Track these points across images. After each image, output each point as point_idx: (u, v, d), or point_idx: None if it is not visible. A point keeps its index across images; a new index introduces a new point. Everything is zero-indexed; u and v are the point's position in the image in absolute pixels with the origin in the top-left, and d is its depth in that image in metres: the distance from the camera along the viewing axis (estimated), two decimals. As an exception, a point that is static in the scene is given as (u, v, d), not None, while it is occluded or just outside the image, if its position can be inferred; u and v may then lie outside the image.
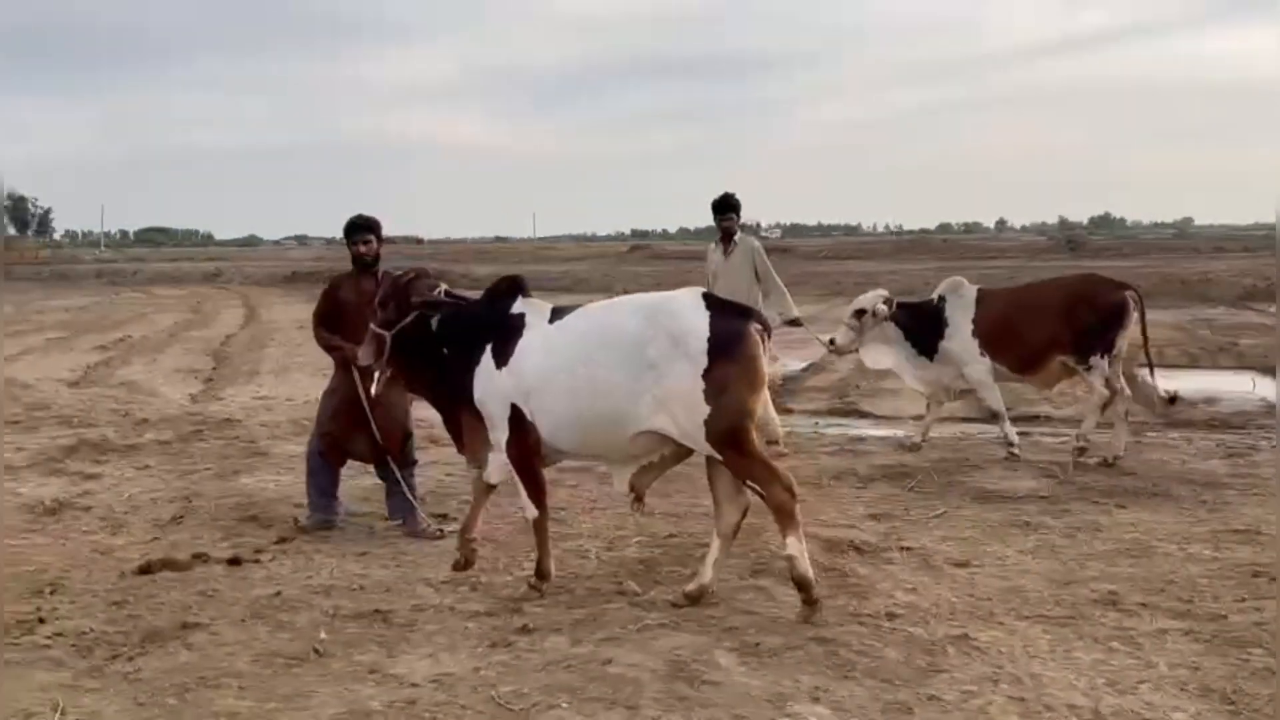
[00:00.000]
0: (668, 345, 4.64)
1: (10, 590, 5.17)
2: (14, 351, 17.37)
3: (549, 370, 4.89)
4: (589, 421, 4.85)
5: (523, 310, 5.14)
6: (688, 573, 5.36)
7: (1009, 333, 8.17)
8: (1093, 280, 8.42)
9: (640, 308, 4.86)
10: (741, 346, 4.64)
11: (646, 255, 58.24)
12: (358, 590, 5.19)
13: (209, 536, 6.14)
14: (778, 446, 8.44)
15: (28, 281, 43.96)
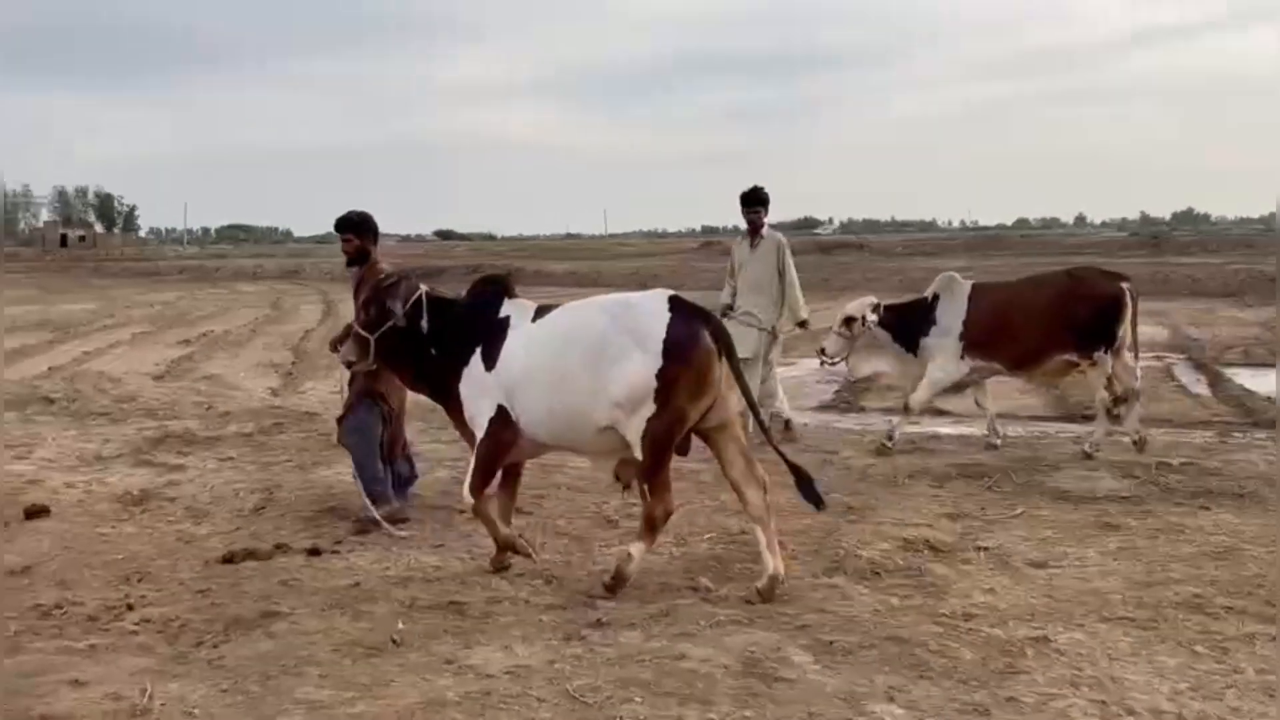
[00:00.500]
0: (629, 343, 4.79)
1: (99, 577, 5.33)
2: (103, 345, 17.87)
3: (529, 367, 5.08)
4: (559, 415, 5.03)
5: (509, 312, 5.30)
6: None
7: (1006, 329, 8.02)
8: (1088, 274, 8.27)
9: (609, 306, 5.05)
10: (695, 352, 4.76)
11: (716, 251, 58.16)
12: (434, 582, 5.25)
13: (289, 527, 6.25)
14: (790, 431, 8.45)
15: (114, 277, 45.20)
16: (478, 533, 6.11)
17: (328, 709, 3.81)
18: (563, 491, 7.06)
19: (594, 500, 6.81)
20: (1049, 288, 8.14)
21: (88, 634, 4.54)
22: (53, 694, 3.90)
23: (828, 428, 9.55)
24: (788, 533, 5.94)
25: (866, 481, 7.32)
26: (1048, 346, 7.93)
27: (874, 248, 53.48)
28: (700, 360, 4.79)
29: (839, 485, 7.19)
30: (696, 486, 7.18)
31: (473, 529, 6.20)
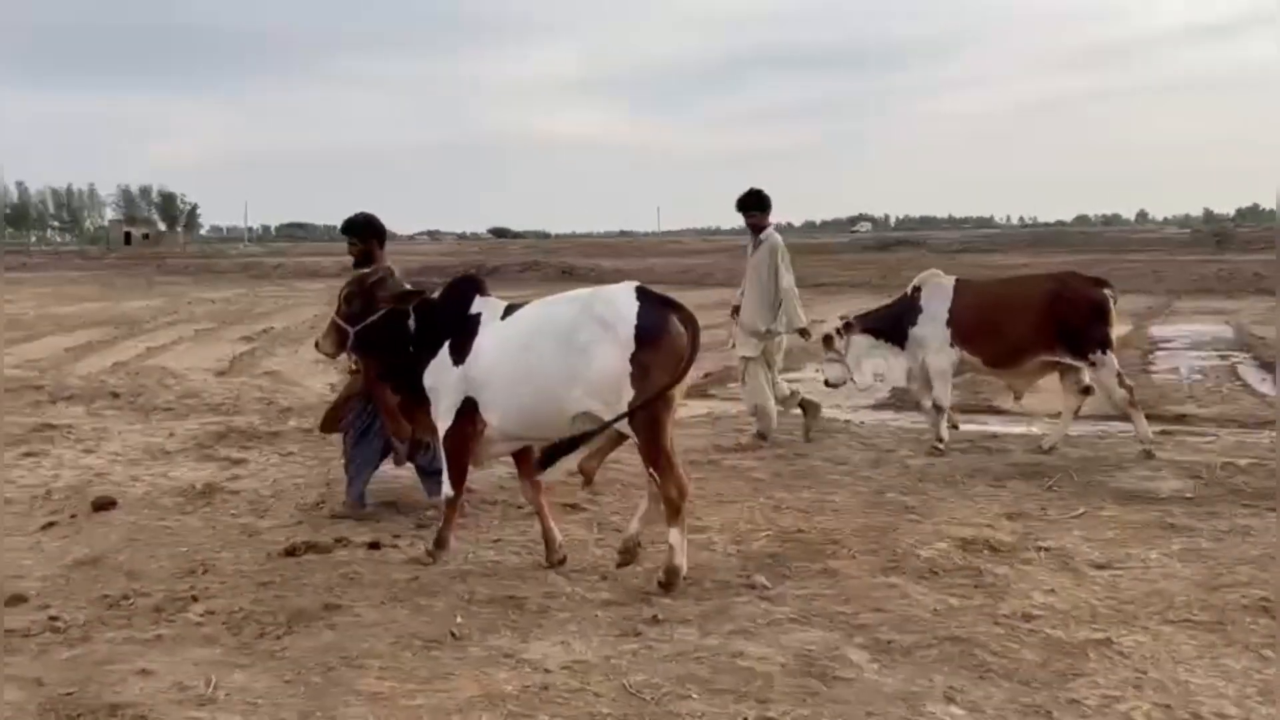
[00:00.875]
0: (599, 331, 4.93)
1: (165, 568, 5.43)
2: (166, 341, 18.21)
3: (499, 361, 5.23)
4: (531, 406, 5.16)
5: (479, 310, 5.47)
6: (816, 568, 5.33)
7: (989, 326, 8.06)
8: (1071, 279, 8.26)
9: (578, 298, 5.22)
10: (666, 336, 4.91)
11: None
12: (491, 576, 5.29)
13: (349, 521, 6.32)
14: (763, 440, 8.41)
15: (177, 275, 46.00)
16: (533, 529, 6.15)
17: (388, 701, 3.85)
18: (618, 488, 7.08)
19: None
20: (1033, 289, 8.22)
21: (155, 624, 4.62)
22: (121, 683, 3.99)
23: (884, 426, 9.48)
24: (846, 532, 5.93)
25: (924, 480, 7.26)
26: (1029, 346, 7.97)
27: (931, 245, 52.93)
28: (671, 344, 4.94)
29: (896, 484, 7.14)
30: (752, 485, 7.18)
31: (528, 525, 6.24)
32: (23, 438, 8.97)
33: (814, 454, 8.15)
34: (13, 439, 8.92)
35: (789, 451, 8.23)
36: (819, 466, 7.71)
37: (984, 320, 8.08)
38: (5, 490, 7.26)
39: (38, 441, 8.82)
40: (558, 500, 6.70)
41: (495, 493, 6.98)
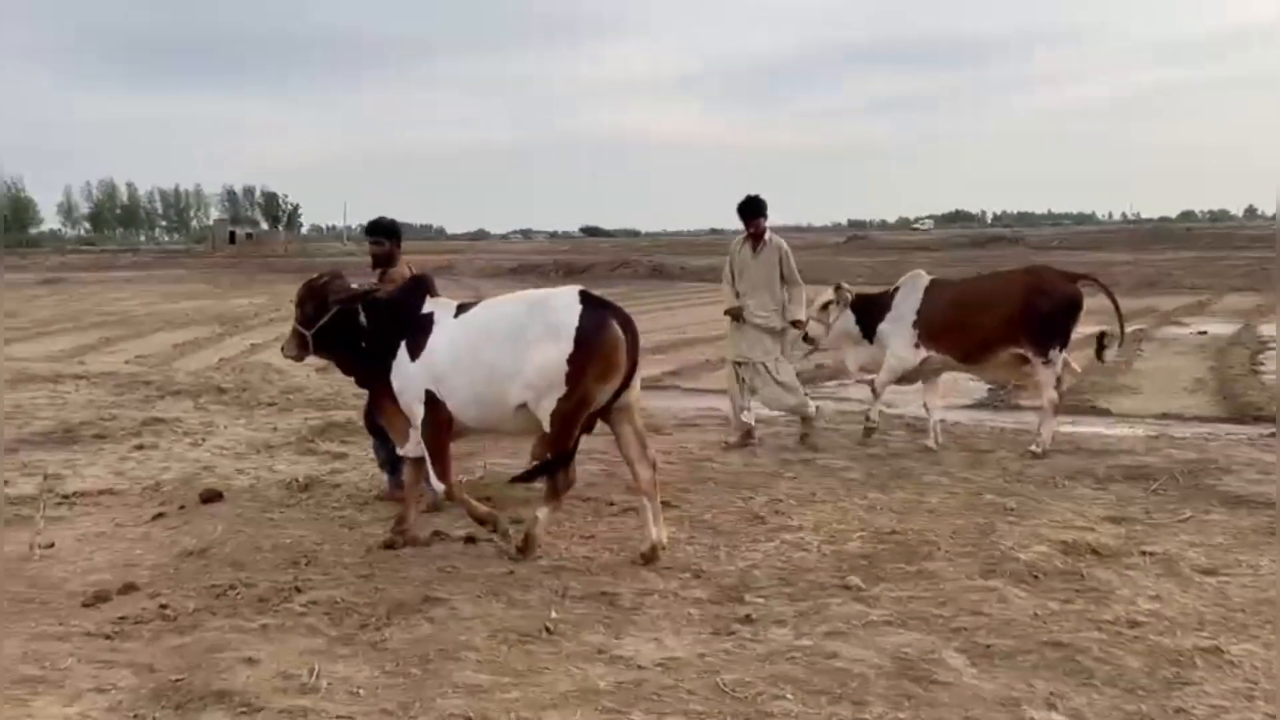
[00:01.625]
0: (543, 331, 5.31)
1: (269, 559, 5.57)
2: (270, 338, 18.67)
3: (454, 357, 5.58)
4: (482, 398, 5.53)
5: (431, 309, 5.82)
6: (912, 570, 5.26)
7: (955, 322, 8.23)
8: (1046, 273, 8.38)
9: (525, 300, 5.63)
10: (604, 340, 5.27)
11: (863, 246, 57.36)
12: (584, 573, 5.33)
13: (446, 515, 6.41)
14: (751, 439, 8.41)
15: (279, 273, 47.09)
16: (626, 525, 6.18)
17: (485, 694, 3.90)
18: (709, 486, 7.07)
19: (741, 495, 6.81)
20: (1005, 284, 8.36)
21: (260, 614, 4.75)
22: (228, 671, 4.10)
23: (980, 426, 9.31)
24: (942, 533, 5.84)
25: (1023, 481, 7.11)
26: (997, 340, 8.08)
27: (1029, 241, 51.88)
28: (608, 347, 5.28)
29: (994, 485, 7.01)
30: (844, 484, 7.12)
31: (621, 521, 6.27)
32: (134, 431, 9.29)
33: (908, 454, 8.04)
34: (124, 432, 9.25)
35: (883, 451, 8.13)
36: (913, 467, 7.61)
37: (952, 319, 8.24)
38: (119, 481, 7.53)
39: (148, 435, 9.12)
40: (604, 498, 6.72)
41: (586, 490, 7.02)
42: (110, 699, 3.89)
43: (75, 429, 9.38)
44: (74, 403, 10.97)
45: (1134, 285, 27.61)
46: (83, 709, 3.80)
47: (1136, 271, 30.48)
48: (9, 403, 10.89)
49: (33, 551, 5.73)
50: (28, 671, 4.10)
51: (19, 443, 8.84)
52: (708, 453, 8.22)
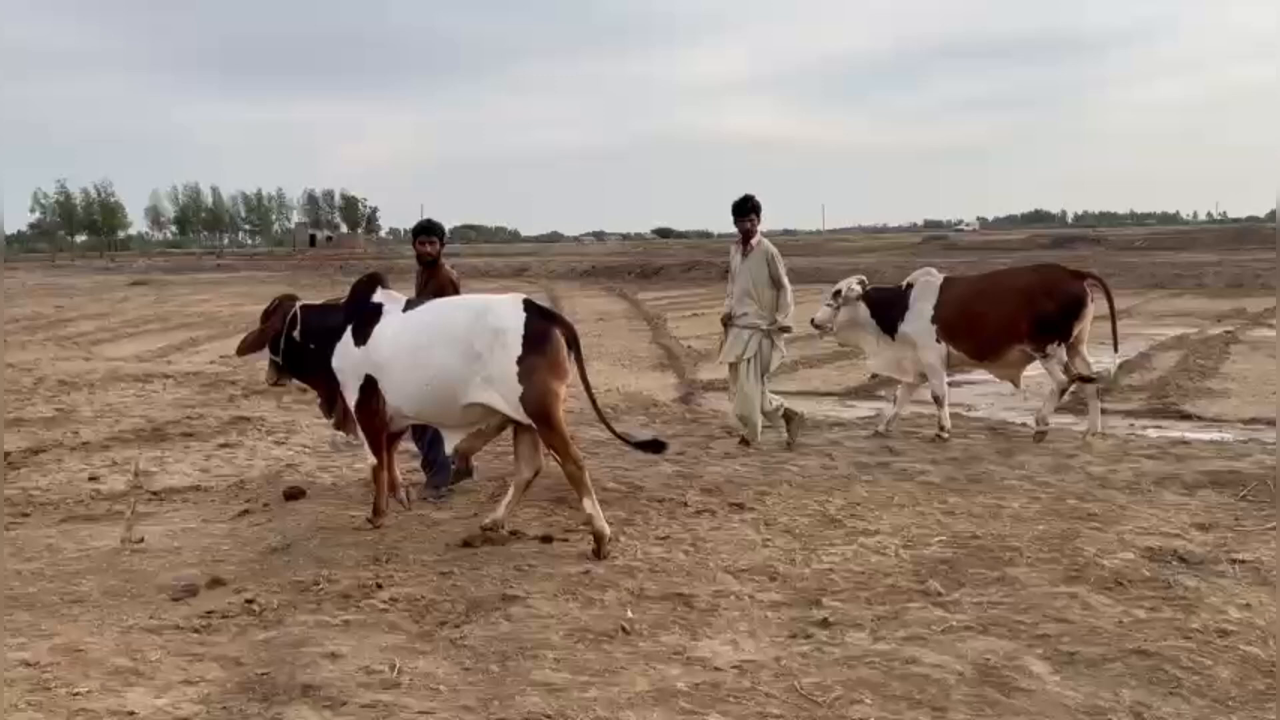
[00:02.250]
0: (490, 339, 5.68)
1: (351, 556, 5.67)
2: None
3: (397, 351, 5.94)
4: (427, 394, 5.89)
5: (381, 300, 6.20)
6: (993, 575, 5.19)
7: (969, 319, 8.49)
8: (1053, 271, 8.66)
9: (472, 307, 5.96)
10: (547, 343, 5.71)
11: (941, 247, 56.58)
12: (660, 573, 5.33)
13: (523, 515, 6.46)
14: (746, 446, 8.35)
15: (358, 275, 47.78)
16: (701, 526, 6.18)
17: (563, 692, 3.93)
18: (785, 489, 7.03)
19: (817, 499, 6.76)
20: (1015, 282, 8.62)
21: (343, 609, 4.83)
22: (313, 665, 4.18)
23: (1064, 430, 9.13)
24: (1024, 538, 5.75)
25: (1108, 487, 6.97)
26: (1007, 338, 8.38)
27: (1111, 241, 50.78)
28: (553, 349, 5.74)
29: (1078, 490, 6.88)
30: (923, 488, 7.03)
31: (696, 523, 6.27)
32: (219, 430, 9.51)
33: (988, 458, 7.92)
34: (211, 431, 9.47)
35: (963, 455, 8.02)
36: (994, 471, 7.49)
37: (966, 315, 8.50)
38: (205, 479, 7.72)
39: (233, 433, 9.34)
40: (726, 500, 6.73)
41: (661, 490, 7.03)
42: (199, 691, 3.99)
43: (164, 427, 9.63)
44: (162, 402, 11.27)
45: (1221, 286, 26.87)
46: (173, 700, 3.91)
47: (1224, 272, 29.63)
48: (101, 402, 11.22)
49: (124, 546, 5.90)
50: (121, 663, 4.22)
51: (111, 440, 9.11)
52: (782, 455, 8.18)
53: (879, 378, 12.38)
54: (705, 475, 7.48)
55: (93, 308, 30.06)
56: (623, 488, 7.11)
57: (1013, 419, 9.74)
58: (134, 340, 19.95)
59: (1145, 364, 13.27)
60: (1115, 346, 8.98)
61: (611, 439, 6.58)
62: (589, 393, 6.04)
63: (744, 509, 6.57)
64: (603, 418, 6.15)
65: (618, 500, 6.77)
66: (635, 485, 7.17)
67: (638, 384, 11.75)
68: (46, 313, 27.35)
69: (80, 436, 9.27)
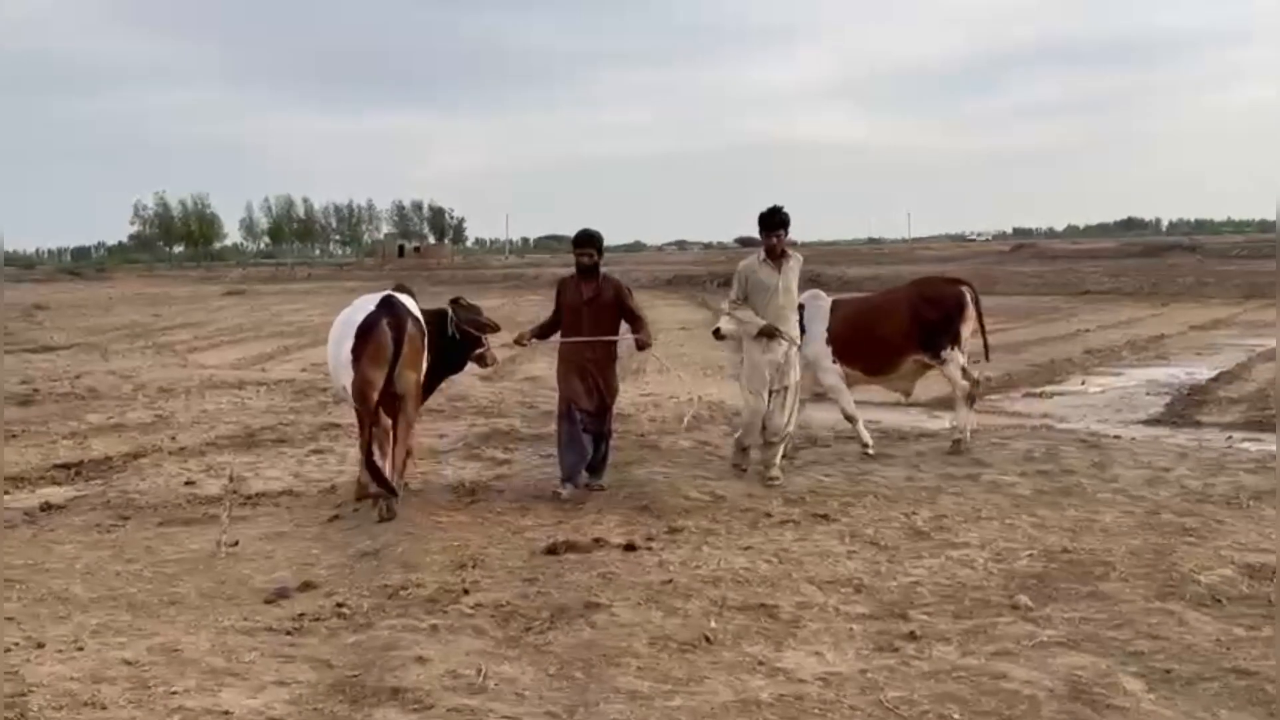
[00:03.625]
0: (350, 328, 6.82)
1: (438, 561, 5.74)
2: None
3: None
4: (340, 379, 7.06)
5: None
6: (1085, 590, 5.07)
7: (860, 339, 8.68)
8: (930, 281, 9.21)
9: (366, 302, 7.04)
10: (373, 335, 6.72)
11: (1030, 254, 55.53)
12: (743, 583, 5.31)
13: (606, 522, 6.50)
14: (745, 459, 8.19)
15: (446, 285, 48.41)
16: (785, 537, 6.15)
17: (647, 700, 3.93)
18: (870, 500, 6.96)
19: (903, 510, 6.68)
20: (897, 296, 9.00)
21: (429, 614, 4.90)
22: (401, 668, 4.24)
23: (1158, 443, 8.90)
24: (1117, 553, 5.62)
25: (1205, 501, 6.77)
26: (900, 350, 8.61)
27: (1208, 249, 49.36)
28: (375, 341, 6.69)
29: (1173, 504, 6.70)
30: (1012, 500, 6.91)
31: (779, 533, 6.24)
32: (310, 435, 9.72)
33: (1080, 470, 7.74)
34: (302, 437, 9.69)
35: (1055, 467, 7.85)
36: (1086, 484, 7.32)
37: (858, 334, 8.70)
38: (297, 484, 7.89)
39: (324, 439, 9.53)
40: (809, 511, 6.69)
41: (745, 500, 7.01)
42: (291, 692, 4.07)
43: (257, 433, 9.88)
44: (255, 408, 11.55)
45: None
46: (266, 701, 3.99)
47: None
48: (197, 409, 11.54)
49: (219, 549, 6.06)
50: (216, 663, 4.33)
51: (207, 446, 9.36)
52: (869, 465, 8.10)
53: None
54: (789, 486, 7.44)
55: (189, 316, 30.96)
56: (705, 497, 7.11)
57: (1105, 430, 9.53)
58: (229, 348, 20.49)
59: (1244, 375, 12.90)
60: (986, 356, 9.16)
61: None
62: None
63: (828, 520, 6.51)
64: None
65: (700, 510, 6.78)
66: (718, 495, 7.16)
67: (720, 393, 11.72)
68: (144, 321, 28.24)
69: (177, 442, 9.54)
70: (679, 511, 6.72)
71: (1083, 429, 9.65)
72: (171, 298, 43.39)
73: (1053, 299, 29.37)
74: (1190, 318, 21.71)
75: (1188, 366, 14.28)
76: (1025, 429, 9.62)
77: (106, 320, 29.25)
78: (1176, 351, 16.23)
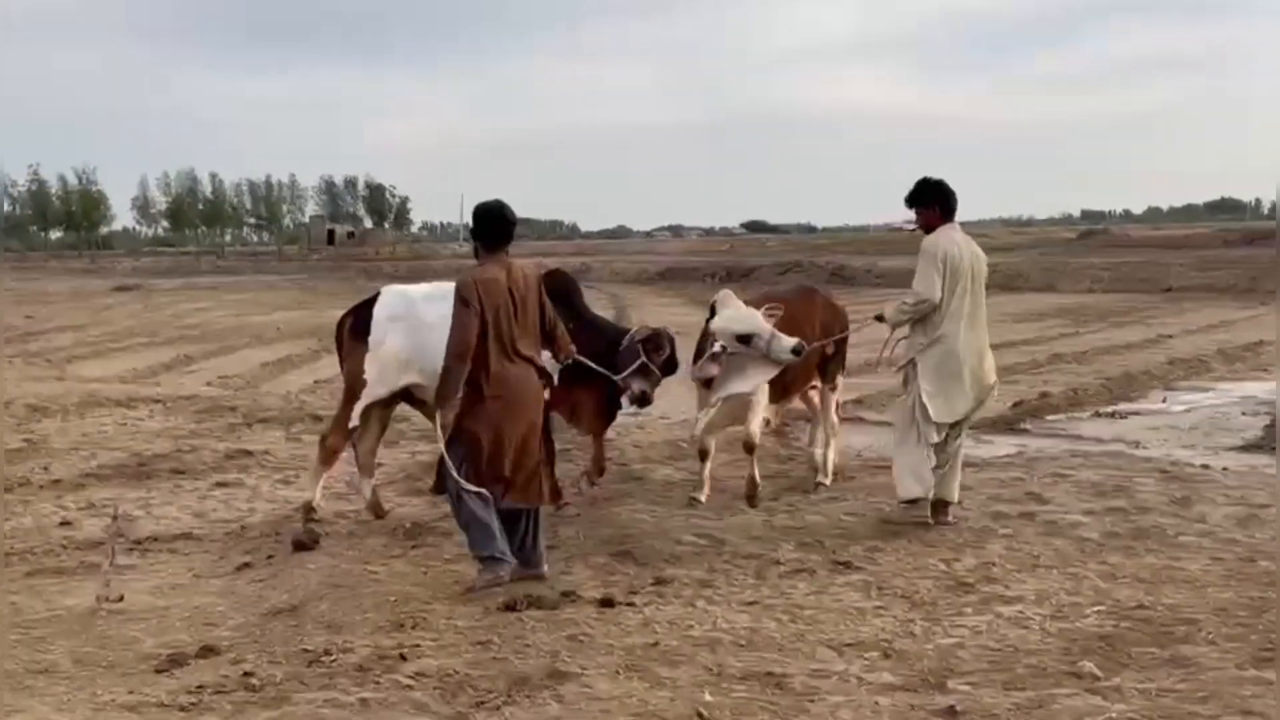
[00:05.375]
0: None
1: (370, 620, 5.73)
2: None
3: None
4: None
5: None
6: (1164, 655, 5.09)
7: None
8: (822, 294, 9.49)
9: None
10: (340, 330, 8.04)
11: (1102, 243, 55.87)
12: (745, 646, 5.32)
13: (579, 572, 6.50)
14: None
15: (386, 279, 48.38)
16: (798, 590, 6.15)
17: (624, 792, 3.93)
18: (902, 544, 6.97)
19: (942, 556, 6.70)
20: (806, 305, 8.85)
21: (359, 685, 4.89)
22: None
23: (1255, 474, 8.94)
24: (1203, 609, 5.64)
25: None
26: (805, 376, 8.64)
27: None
28: (338, 335, 8.00)
29: (1272, 549, 6.72)
30: (1077, 545, 6.93)
31: (791, 585, 6.24)
32: (216, 465, 9.71)
33: (1159, 507, 7.77)
34: (205, 467, 9.66)
35: (1128, 504, 7.88)
36: (1166, 524, 7.36)
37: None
38: (198, 525, 7.87)
39: (233, 470, 9.53)
40: (828, 557, 6.70)
41: (748, 544, 7.01)
42: (186, 782, 4.06)
43: (149, 462, 9.85)
44: (148, 431, 11.53)
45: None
46: (155, 792, 3.98)
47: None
48: (77, 432, 11.50)
49: (100, 606, 6.03)
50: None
51: (86, 477, 9.34)
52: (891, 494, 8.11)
53: (1021, 405, 12.33)
54: (804, 526, 7.46)
55: (69, 317, 30.88)
56: (700, 541, 7.12)
57: (1190, 458, 9.56)
58: (117, 357, 20.45)
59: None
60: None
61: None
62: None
63: (851, 568, 6.52)
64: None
65: (693, 556, 6.78)
66: (716, 539, 7.17)
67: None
68: (15, 323, 28.15)
69: (51, 473, 9.52)
70: (668, 558, 6.72)
71: (1163, 457, 9.69)
72: (47, 294, 43.28)
73: (1128, 297, 29.54)
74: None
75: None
76: (1093, 456, 9.66)
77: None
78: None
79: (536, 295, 6.54)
